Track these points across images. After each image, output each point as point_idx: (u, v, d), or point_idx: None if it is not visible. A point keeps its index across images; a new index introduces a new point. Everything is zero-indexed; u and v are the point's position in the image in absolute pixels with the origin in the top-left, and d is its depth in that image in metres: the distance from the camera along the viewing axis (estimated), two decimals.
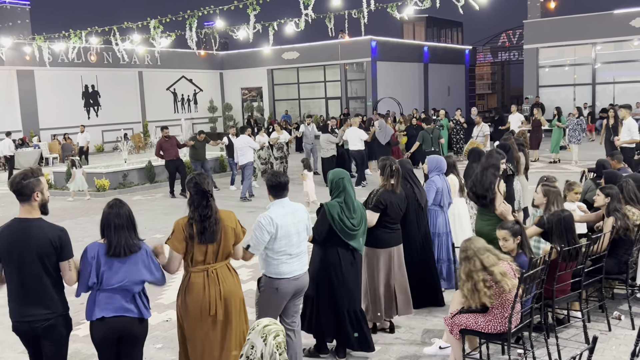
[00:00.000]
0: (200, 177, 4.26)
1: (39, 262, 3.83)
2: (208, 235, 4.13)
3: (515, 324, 4.70)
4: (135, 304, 4.01)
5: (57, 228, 3.95)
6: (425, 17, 38.23)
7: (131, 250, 3.97)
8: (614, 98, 27.27)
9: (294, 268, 4.62)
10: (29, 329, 3.90)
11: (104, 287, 3.94)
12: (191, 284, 4.20)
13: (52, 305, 3.92)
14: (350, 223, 5.02)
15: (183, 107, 33.61)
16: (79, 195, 15.34)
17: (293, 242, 4.58)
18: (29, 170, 3.99)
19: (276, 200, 4.63)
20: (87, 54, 25.34)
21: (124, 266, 3.95)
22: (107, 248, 3.93)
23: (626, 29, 26.51)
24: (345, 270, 5.10)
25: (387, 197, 5.57)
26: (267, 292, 4.62)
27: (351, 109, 31.68)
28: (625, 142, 11.84)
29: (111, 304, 3.94)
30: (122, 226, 3.96)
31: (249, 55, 34.41)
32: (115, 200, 4.12)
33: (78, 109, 28.58)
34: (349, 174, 5.34)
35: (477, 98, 46.95)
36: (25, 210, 3.91)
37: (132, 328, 4.01)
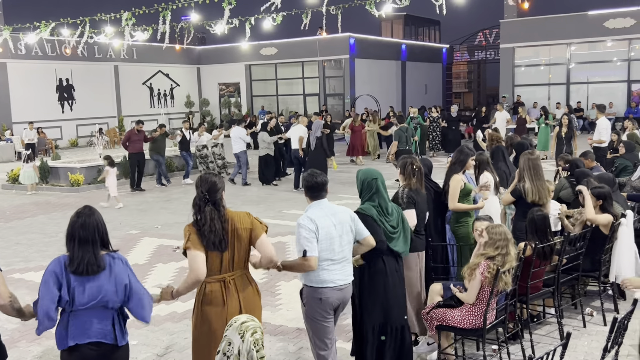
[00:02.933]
0: (201, 178, 3.91)
1: None
2: (215, 242, 3.76)
3: (490, 320, 4.75)
4: (112, 327, 3.48)
5: None
6: (403, 15, 38.35)
7: (94, 269, 3.39)
8: (587, 98, 27.73)
9: (337, 276, 4.19)
10: None
11: (77, 307, 3.40)
12: (208, 295, 3.82)
13: None
14: (389, 225, 4.62)
15: (159, 102, 33.28)
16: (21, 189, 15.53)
17: (335, 245, 4.17)
18: None
19: (313, 202, 4.26)
20: (61, 47, 24.94)
21: (95, 284, 3.40)
22: (69, 262, 3.39)
23: (600, 30, 26.94)
24: (392, 278, 4.60)
25: (413, 196, 5.27)
26: (311, 303, 4.22)
27: (329, 105, 31.68)
28: (594, 142, 12.11)
29: (86, 329, 3.42)
30: (86, 240, 3.41)
31: (226, 50, 34.19)
32: (85, 208, 3.58)
33: (52, 102, 28.11)
34: (381, 173, 4.87)
35: (454, 96, 47.29)
36: None
37: (108, 356, 3.48)
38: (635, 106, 25.82)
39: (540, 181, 6.01)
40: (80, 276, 3.37)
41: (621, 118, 22.67)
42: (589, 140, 12.44)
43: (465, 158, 6.26)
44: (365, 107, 28.37)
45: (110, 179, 13.02)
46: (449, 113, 21.46)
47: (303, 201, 4.85)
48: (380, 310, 4.58)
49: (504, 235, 4.80)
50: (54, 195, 14.82)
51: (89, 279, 3.39)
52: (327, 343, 4.27)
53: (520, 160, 6.27)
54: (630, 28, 26.36)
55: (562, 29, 27.50)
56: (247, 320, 3.00)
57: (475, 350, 5.34)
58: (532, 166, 6.06)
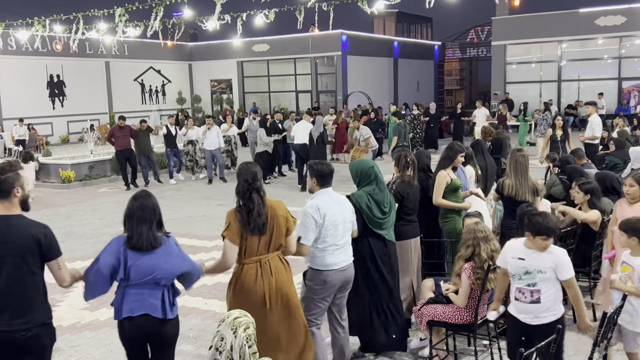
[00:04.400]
0: (246, 166, 4.18)
1: (22, 263, 3.46)
2: (255, 227, 4.04)
3: (481, 315, 4.78)
4: (162, 302, 3.77)
5: (41, 225, 3.59)
6: (395, 12, 38.35)
7: (152, 244, 3.72)
8: (578, 95, 27.87)
9: (341, 259, 4.52)
10: (8, 339, 3.46)
11: (132, 282, 3.72)
12: (243, 276, 4.11)
13: (35, 312, 3.54)
14: (379, 212, 4.95)
15: (151, 98, 33.14)
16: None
17: (339, 232, 4.49)
18: (6, 163, 3.64)
19: (322, 189, 4.54)
20: (52, 43, 24.80)
21: (150, 260, 3.71)
22: (128, 240, 3.72)
23: (591, 28, 27.07)
24: (379, 261, 4.99)
25: (404, 189, 5.56)
26: (315, 285, 4.50)
27: (321, 102, 31.67)
28: (587, 138, 12.13)
29: (139, 302, 3.72)
30: (144, 219, 3.74)
31: (218, 46, 34.08)
32: (142, 192, 3.92)
33: (43, 99, 27.94)
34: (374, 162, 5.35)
35: (446, 94, 47.41)
36: (4, 207, 3.51)
37: (159, 329, 3.77)
38: (626, 103, 25.97)
39: (524, 179, 6.01)
40: (138, 252, 3.68)
41: (612, 115, 22.80)
42: (580, 137, 12.48)
43: (454, 154, 6.36)
44: (358, 104, 28.42)
45: (27, 174, 13.19)
46: (428, 110, 21.60)
47: (297, 198, 4.96)
48: (367, 289, 4.97)
49: (473, 234, 4.84)
50: (45, 192, 14.75)
51: (145, 255, 3.70)
52: (314, 322, 4.57)
53: (509, 156, 6.33)
54: (620, 26, 26.50)
55: (554, 27, 27.61)
56: (240, 316, 3.02)
57: (467, 345, 5.37)
58: (519, 163, 6.10)
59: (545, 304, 4.02)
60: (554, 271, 4.01)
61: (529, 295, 4.05)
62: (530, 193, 5.96)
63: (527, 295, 4.06)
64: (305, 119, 15.30)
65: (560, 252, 4.08)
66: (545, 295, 4.02)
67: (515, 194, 5.92)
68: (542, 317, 4.03)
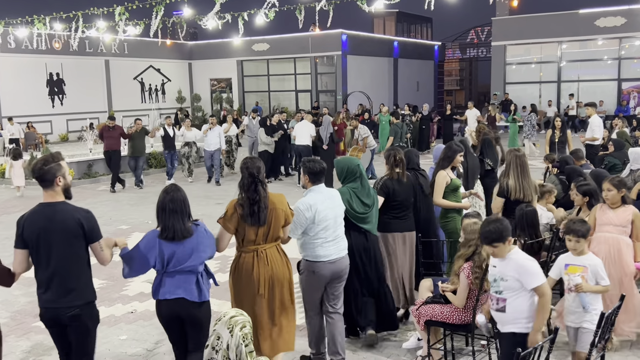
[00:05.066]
0: (251, 162, 4.40)
1: (67, 246, 3.78)
2: (256, 218, 4.27)
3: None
4: (198, 286, 4.05)
5: (83, 210, 3.92)
6: (395, 12, 38.34)
7: (184, 234, 3.98)
8: (578, 95, 27.86)
9: (330, 252, 4.73)
10: (54, 316, 3.84)
11: (169, 270, 4.00)
12: (241, 264, 4.38)
13: (79, 292, 3.85)
14: (361, 208, 5.22)
15: (151, 97, 33.12)
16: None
17: (330, 226, 4.70)
18: (49, 155, 3.96)
19: (314, 186, 4.78)
20: (52, 41, 24.75)
21: (183, 249, 3.99)
22: (162, 231, 3.98)
23: (591, 29, 27.08)
24: (357, 253, 5.25)
25: (390, 184, 5.76)
26: (306, 274, 4.78)
27: (321, 102, 31.68)
28: (587, 139, 12.12)
29: (174, 286, 4.00)
30: (175, 211, 3.99)
31: (218, 45, 34.07)
32: (172, 186, 4.17)
33: (42, 97, 27.93)
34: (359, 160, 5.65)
35: (446, 94, 47.44)
36: (49, 195, 3.87)
37: (192, 311, 4.03)
38: (626, 104, 25.98)
39: (526, 179, 6.03)
40: (172, 242, 3.95)
41: (611, 116, 22.81)
42: (581, 138, 12.48)
43: (453, 154, 6.39)
44: (360, 104, 28.43)
45: (15, 171, 14.18)
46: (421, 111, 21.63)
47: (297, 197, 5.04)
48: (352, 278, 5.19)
49: (475, 234, 4.81)
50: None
51: (179, 245, 3.96)
52: (309, 312, 4.88)
53: (506, 157, 6.30)
54: (620, 27, 26.51)
55: (554, 27, 27.62)
56: (237, 315, 3.01)
57: (464, 345, 5.37)
58: (519, 163, 6.09)
59: (511, 314, 3.96)
60: (518, 280, 3.93)
61: (496, 302, 4.06)
62: (533, 192, 6.02)
63: (494, 303, 4.08)
64: (307, 118, 15.21)
65: (520, 259, 3.98)
66: (511, 305, 3.96)
67: (523, 196, 5.93)
68: (506, 327, 4.00)
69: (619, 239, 5.23)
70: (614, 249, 5.22)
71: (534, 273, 3.92)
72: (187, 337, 4.13)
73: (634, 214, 5.25)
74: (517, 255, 3.99)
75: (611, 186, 5.25)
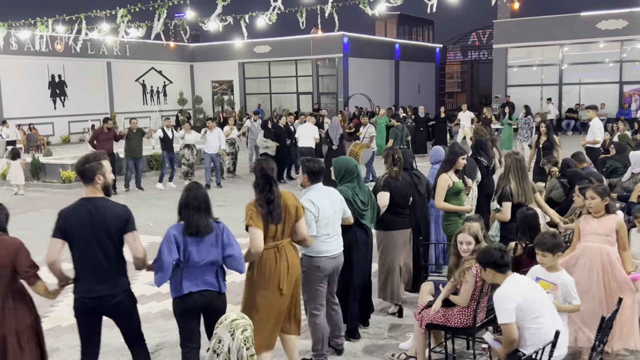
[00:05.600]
0: (265, 163, 4.58)
1: (108, 239, 4.02)
2: (274, 216, 4.45)
3: (480, 318, 4.77)
4: (217, 278, 4.26)
5: (121, 204, 4.20)
6: (397, 15, 38.39)
7: (207, 230, 4.15)
8: (579, 98, 27.86)
9: (332, 247, 4.96)
10: (95, 305, 4.05)
11: (190, 265, 4.16)
12: (264, 261, 4.50)
13: (119, 281, 4.12)
14: (362, 205, 5.48)
15: (152, 98, 33.18)
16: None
17: (330, 223, 4.92)
18: (91, 154, 4.22)
19: (312, 185, 4.97)
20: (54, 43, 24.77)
21: (205, 244, 4.17)
22: (186, 227, 4.14)
23: (592, 31, 27.06)
24: (360, 247, 5.50)
25: (391, 182, 5.99)
26: (310, 271, 4.91)
27: (322, 104, 31.71)
28: (588, 142, 12.12)
29: (198, 279, 4.19)
30: (199, 208, 4.17)
31: (220, 47, 34.12)
32: (193, 183, 4.36)
33: (44, 98, 27.99)
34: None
35: (447, 96, 47.46)
36: (90, 191, 4.13)
37: (213, 301, 4.25)
38: (628, 107, 25.97)
39: (526, 182, 6.05)
40: (195, 237, 4.13)
41: (613, 119, 22.79)
42: (582, 141, 12.48)
43: (455, 157, 6.40)
44: (360, 107, 28.43)
45: (14, 171, 14.49)
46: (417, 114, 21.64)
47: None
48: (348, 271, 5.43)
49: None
50: (46, 192, 14.76)
51: (201, 240, 4.15)
52: (318, 307, 5.00)
53: (505, 160, 6.27)
54: (622, 30, 26.50)
55: (555, 30, 27.61)
56: (238, 318, 3.02)
57: (466, 349, 5.37)
58: (519, 167, 6.09)
59: None
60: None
61: None
62: (532, 195, 6.09)
63: None
64: (309, 120, 15.17)
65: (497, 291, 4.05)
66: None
67: (525, 199, 5.94)
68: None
69: (607, 250, 5.04)
70: (599, 260, 5.01)
71: (499, 310, 3.97)
72: (207, 329, 4.34)
73: (618, 223, 5.11)
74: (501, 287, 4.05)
75: (594, 194, 5.13)
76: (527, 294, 3.97)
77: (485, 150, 8.44)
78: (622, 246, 5.11)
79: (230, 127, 16.36)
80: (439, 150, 7.52)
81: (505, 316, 3.92)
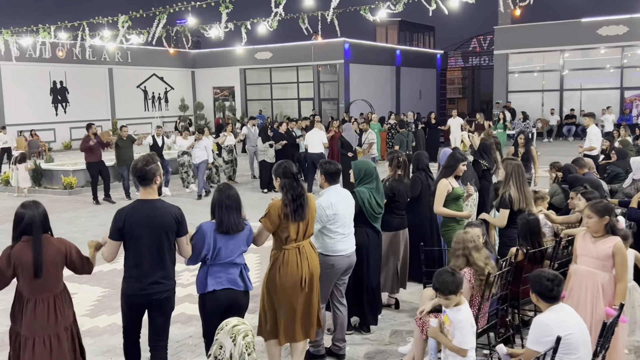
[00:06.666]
0: (288, 163, 4.78)
1: (164, 238, 4.21)
2: (300, 212, 4.59)
3: (481, 324, 4.77)
4: (242, 277, 4.46)
5: (175, 206, 4.37)
6: (398, 21, 38.47)
7: (238, 228, 4.38)
8: (580, 104, 27.88)
9: (347, 246, 5.17)
10: (146, 301, 4.25)
11: (217, 262, 4.36)
12: (286, 260, 4.63)
13: (170, 278, 4.32)
14: (377, 208, 5.66)
15: (154, 105, 33.24)
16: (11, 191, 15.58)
17: (346, 223, 5.14)
18: (148, 156, 4.38)
19: (331, 186, 5.17)
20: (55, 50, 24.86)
21: (234, 242, 4.39)
22: (218, 225, 4.33)
23: (593, 37, 27.10)
24: (372, 249, 5.71)
25: (395, 186, 6.21)
26: (325, 269, 5.02)
27: (323, 110, 31.74)
28: (585, 149, 12.19)
29: (223, 277, 4.38)
30: (231, 207, 4.37)
31: (221, 54, 34.20)
32: (224, 185, 4.55)
33: (46, 105, 28.05)
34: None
35: (448, 102, 47.49)
36: (147, 192, 4.30)
37: (239, 300, 4.45)
38: (629, 113, 25.97)
39: (526, 188, 6.05)
40: (226, 235, 4.34)
41: (614, 125, 22.78)
42: (579, 148, 12.53)
43: (455, 163, 6.40)
44: (361, 113, 28.45)
45: (21, 174, 15.20)
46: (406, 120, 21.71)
47: None
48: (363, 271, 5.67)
49: (463, 244, 4.83)
50: (47, 198, 14.77)
51: (231, 237, 4.37)
52: (326, 302, 5.23)
53: (505, 167, 6.21)
54: (623, 35, 26.54)
55: (556, 36, 27.66)
56: (239, 324, 3.02)
57: None
58: (519, 173, 6.09)
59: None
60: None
61: None
62: (532, 201, 6.14)
63: None
64: (317, 126, 15.14)
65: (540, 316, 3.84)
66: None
67: (525, 205, 5.93)
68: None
69: (599, 277, 4.49)
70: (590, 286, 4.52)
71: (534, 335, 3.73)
72: None
73: (616, 247, 4.44)
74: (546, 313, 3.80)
75: (591, 212, 4.53)
76: (570, 328, 3.67)
77: (489, 154, 8.48)
78: (617, 276, 4.45)
79: (228, 133, 16.33)
80: (448, 152, 7.52)
81: (537, 344, 3.67)
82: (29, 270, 3.96)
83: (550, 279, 3.79)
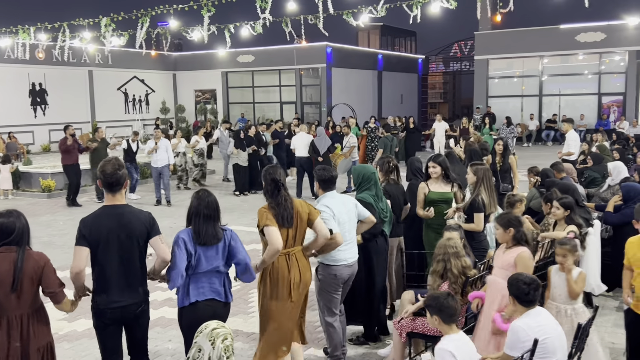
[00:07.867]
0: (272, 169, 4.65)
1: (135, 246, 3.97)
2: (286, 219, 4.45)
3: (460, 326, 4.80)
4: (223, 288, 4.24)
5: (144, 211, 4.17)
6: (379, 26, 38.63)
7: (215, 240, 4.13)
8: (559, 109, 28.23)
9: (348, 255, 5.01)
10: (119, 315, 3.98)
11: (197, 272, 4.14)
12: (275, 268, 4.49)
13: (142, 290, 4.08)
14: (384, 212, 5.62)
15: (134, 107, 32.99)
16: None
17: (346, 229, 4.94)
18: (115, 160, 4.17)
19: (326, 192, 5.02)
20: (34, 51, 24.58)
21: (215, 251, 4.15)
22: (196, 236, 4.11)
23: (572, 44, 27.49)
24: (382, 255, 5.66)
25: (389, 189, 6.12)
26: (326, 279, 4.96)
27: (305, 114, 31.73)
28: (564, 154, 12.42)
29: (204, 288, 4.16)
30: (209, 217, 4.15)
31: (203, 57, 34.06)
32: (203, 191, 4.30)
33: (24, 107, 27.68)
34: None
35: (430, 107, 47.74)
36: (115, 198, 4.05)
37: (221, 311, 4.23)
38: (606, 118, 26.35)
39: (493, 192, 6.24)
40: (204, 246, 4.11)
41: (592, 130, 23.10)
42: (558, 154, 12.75)
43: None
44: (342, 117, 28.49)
45: (3, 175, 14.99)
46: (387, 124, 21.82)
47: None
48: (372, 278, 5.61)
49: (444, 249, 4.90)
50: (25, 201, 14.61)
51: (210, 248, 4.13)
52: (334, 312, 5.07)
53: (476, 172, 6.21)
54: (600, 42, 26.95)
55: (535, 42, 27.99)
56: (218, 327, 3.02)
57: None
58: (489, 177, 6.25)
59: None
60: None
61: None
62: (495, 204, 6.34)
63: None
64: (302, 129, 15.21)
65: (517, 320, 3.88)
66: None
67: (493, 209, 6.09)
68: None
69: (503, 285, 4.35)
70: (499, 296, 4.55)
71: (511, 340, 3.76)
72: None
73: (518, 256, 4.60)
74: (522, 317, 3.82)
75: (497, 224, 4.76)
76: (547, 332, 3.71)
77: (478, 159, 8.56)
78: None
79: (199, 137, 16.47)
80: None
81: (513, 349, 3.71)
82: (5, 282, 3.66)
83: (527, 282, 3.83)
